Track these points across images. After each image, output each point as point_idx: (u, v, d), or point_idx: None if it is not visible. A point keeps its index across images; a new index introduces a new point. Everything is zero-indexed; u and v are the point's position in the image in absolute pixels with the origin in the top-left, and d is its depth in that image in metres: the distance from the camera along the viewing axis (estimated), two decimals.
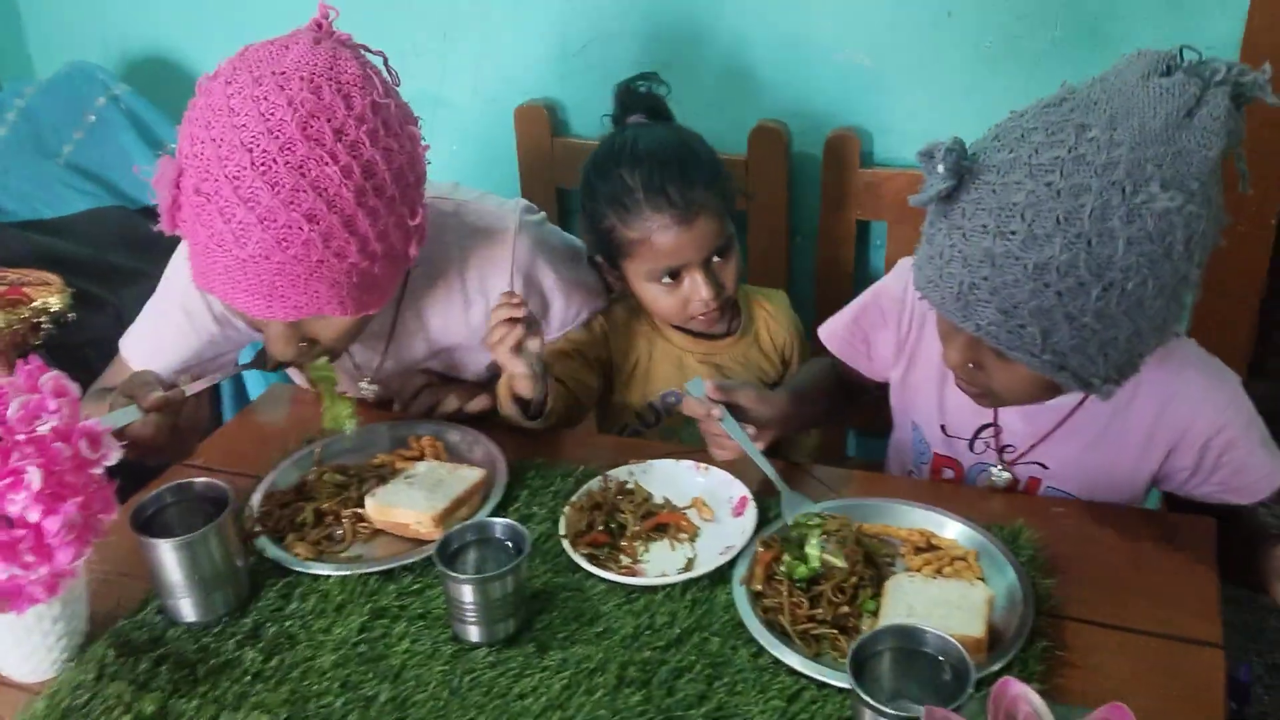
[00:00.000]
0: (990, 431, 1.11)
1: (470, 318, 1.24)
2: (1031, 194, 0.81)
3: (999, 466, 1.11)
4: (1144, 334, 0.85)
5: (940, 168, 0.83)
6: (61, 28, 1.96)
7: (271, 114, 0.93)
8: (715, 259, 1.22)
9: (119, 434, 1.01)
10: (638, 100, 1.29)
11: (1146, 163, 0.79)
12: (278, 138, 0.92)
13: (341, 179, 0.94)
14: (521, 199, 1.29)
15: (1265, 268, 1.47)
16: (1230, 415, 1.01)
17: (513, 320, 1.08)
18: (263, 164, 0.92)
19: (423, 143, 1.05)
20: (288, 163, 0.93)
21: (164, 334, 1.24)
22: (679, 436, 1.30)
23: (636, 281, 1.25)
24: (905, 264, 1.17)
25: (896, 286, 1.16)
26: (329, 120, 0.94)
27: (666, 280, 1.22)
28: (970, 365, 0.94)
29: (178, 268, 1.22)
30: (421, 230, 1.05)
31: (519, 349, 1.09)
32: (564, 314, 1.29)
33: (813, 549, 0.94)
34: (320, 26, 0.99)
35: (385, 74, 1.03)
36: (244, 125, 0.93)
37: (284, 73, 0.94)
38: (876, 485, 1.13)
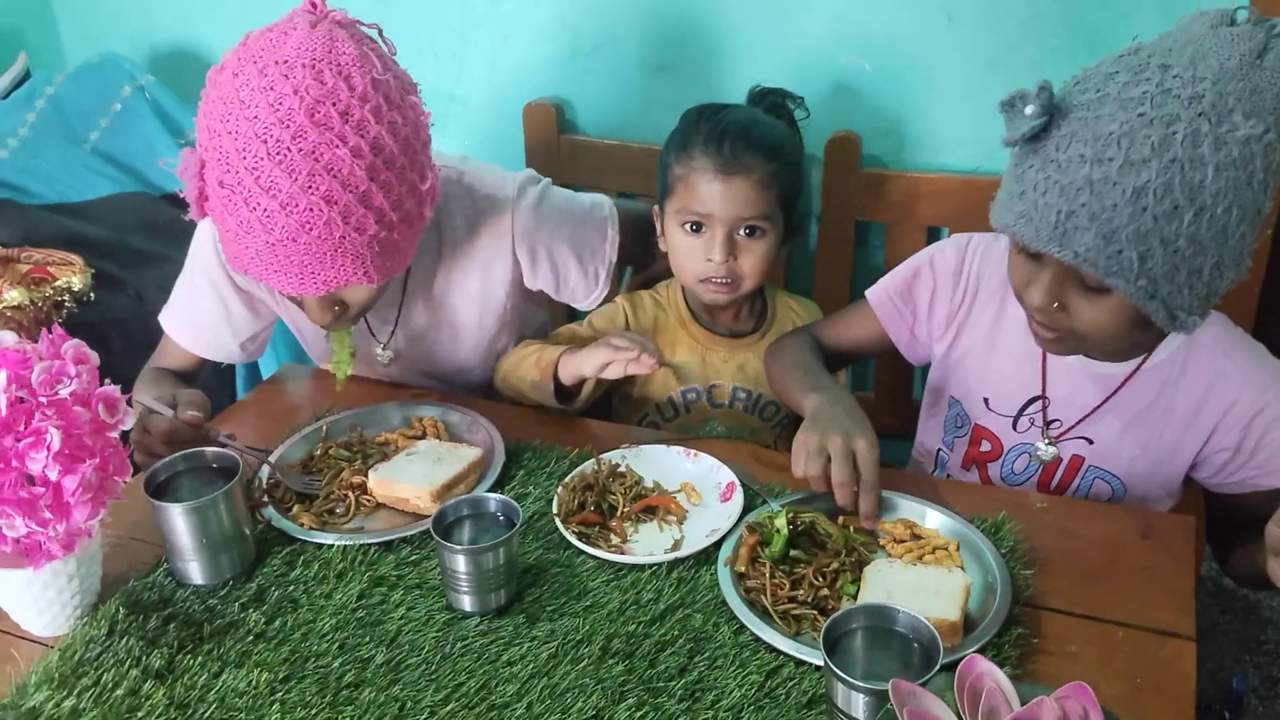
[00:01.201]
0: (1037, 406, 1.13)
1: (469, 285, 1.28)
2: (1125, 124, 0.86)
3: (1045, 441, 1.13)
4: (1224, 264, 0.90)
5: (1030, 108, 0.89)
6: (91, 19, 2.01)
7: (280, 104, 0.97)
8: (743, 232, 1.24)
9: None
10: (762, 98, 1.34)
11: (1229, 95, 0.85)
12: (289, 127, 0.97)
13: (353, 159, 0.99)
14: (528, 169, 1.32)
15: (1260, 280, 1.49)
16: (1275, 393, 1.04)
17: (633, 360, 1.14)
18: (278, 153, 0.97)
19: (424, 109, 1.08)
20: (301, 150, 0.97)
21: (199, 306, 1.29)
22: (696, 434, 1.31)
23: (669, 223, 1.28)
24: (960, 238, 1.20)
25: (954, 258, 1.19)
26: (334, 104, 0.98)
27: (690, 228, 1.25)
28: (1054, 306, 0.97)
29: (201, 243, 1.27)
30: (434, 191, 1.09)
31: (607, 367, 1.15)
32: (584, 281, 1.31)
33: (780, 521, 0.97)
34: (315, 6, 1.03)
35: (381, 45, 1.06)
36: (256, 117, 0.97)
37: (286, 61, 0.98)
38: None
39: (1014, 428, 1.15)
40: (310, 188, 0.98)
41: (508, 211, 1.24)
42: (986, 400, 1.17)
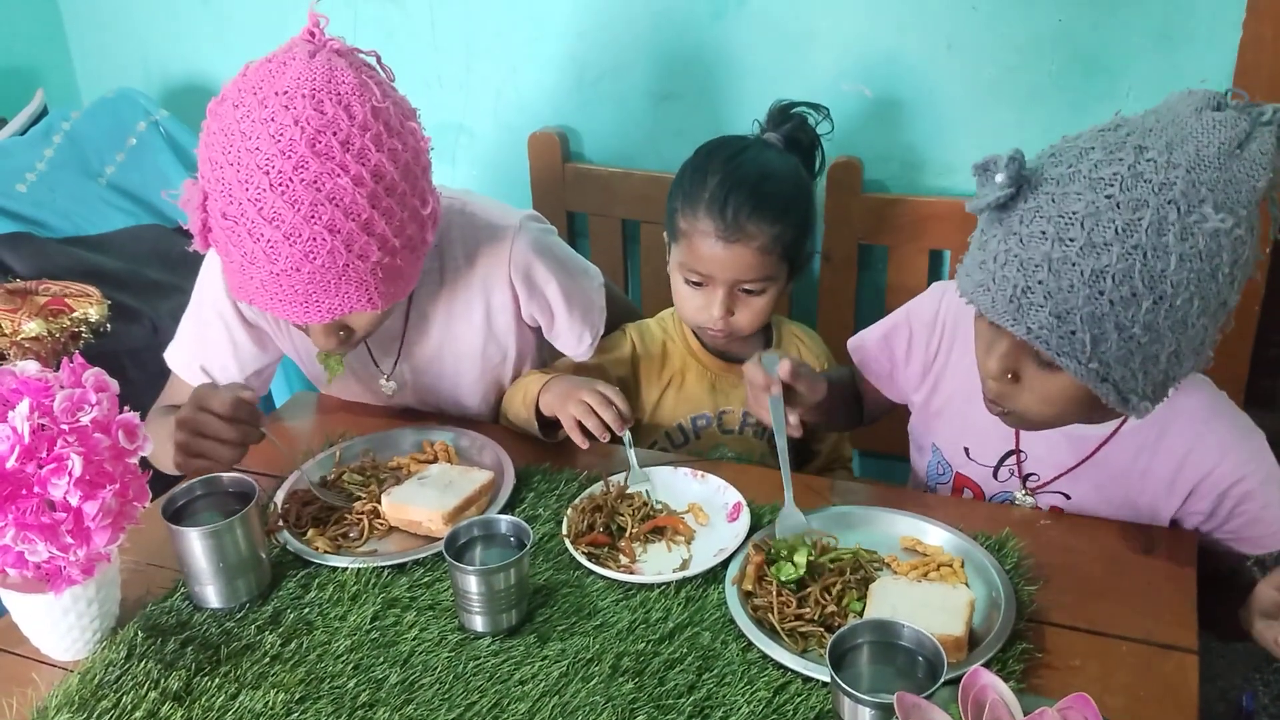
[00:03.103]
0: (1014, 459, 1.13)
1: (471, 313, 1.28)
2: (1091, 204, 0.84)
3: (1024, 492, 1.13)
4: (1183, 354, 0.88)
5: (1000, 177, 0.87)
6: (106, 56, 2.06)
7: (281, 135, 0.98)
8: (743, 290, 1.26)
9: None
10: (784, 120, 1.34)
11: (1201, 185, 0.83)
12: (290, 158, 0.98)
13: (354, 187, 1.00)
14: (532, 209, 1.34)
15: (1260, 299, 1.51)
16: (1252, 468, 1.03)
17: (602, 425, 1.14)
18: (280, 184, 0.98)
19: (424, 134, 1.10)
20: (303, 180, 0.99)
21: (206, 340, 1.29)
22: (706, 459, 1.30)
23: (673, 267, 1.30)
24: (938, 287, 1.19)
25: (929, 309, 1.18)
26: (335, 134, 1.00)
27: (692, 281, 1.27)
28: (1008, 376, 0.95)
29: (208, 278, 1.29)
30: (435, 215, 1.11)
31: (573, 423, 1.15)
32: (569, 332, 1.31)
33: (800, 557, 0.98)
34: (314, 35, 1.04)
35: (380, 72, 1.08)
36: (257, 149, 0.98)
37: (286, 91, 0.99)
38: (880, 498, 1.16)
39: (995, 477, 1.15)
40: (313, 218, 0.99)
41: (508, 240, 1.25)
42: (967, 450, 1.16)
